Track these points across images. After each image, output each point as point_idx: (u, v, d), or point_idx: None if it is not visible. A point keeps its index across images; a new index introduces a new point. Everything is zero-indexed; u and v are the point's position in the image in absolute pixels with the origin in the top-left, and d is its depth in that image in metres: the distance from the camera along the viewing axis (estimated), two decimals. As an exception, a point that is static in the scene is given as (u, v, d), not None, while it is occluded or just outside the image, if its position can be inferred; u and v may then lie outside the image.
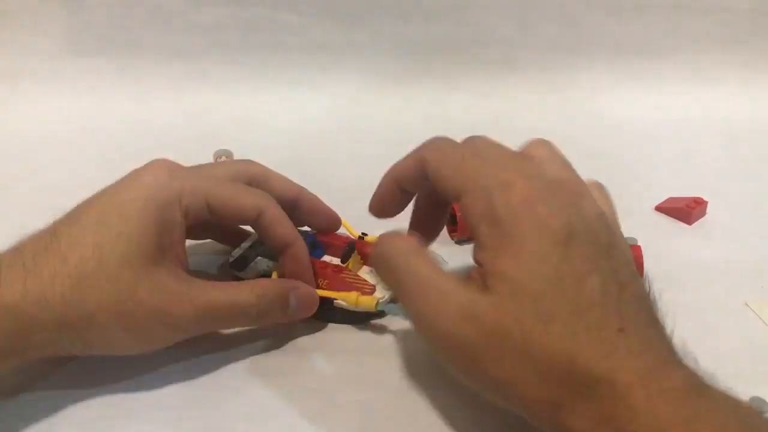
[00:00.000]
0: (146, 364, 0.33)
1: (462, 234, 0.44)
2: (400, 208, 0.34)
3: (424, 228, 0.34)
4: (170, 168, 0.32)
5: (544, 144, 0.29)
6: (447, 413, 0.31)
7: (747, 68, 0.67)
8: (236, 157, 0.53)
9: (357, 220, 0.42)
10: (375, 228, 0.40)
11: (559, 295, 0.25)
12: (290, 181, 0.37)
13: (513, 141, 0.34)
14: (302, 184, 0.38)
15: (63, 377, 0.32)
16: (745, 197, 0.50)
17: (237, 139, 0.58)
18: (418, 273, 0.27)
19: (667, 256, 0.41)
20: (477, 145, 0.29)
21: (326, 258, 0.39)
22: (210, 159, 0.53)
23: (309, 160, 0.56)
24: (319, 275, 0.36)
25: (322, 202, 0.38)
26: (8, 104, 0.62)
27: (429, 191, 0.32)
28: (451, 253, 0.43)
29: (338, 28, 0.64)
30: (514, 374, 0.25)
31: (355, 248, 0.38)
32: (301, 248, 0.34)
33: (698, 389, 0.23)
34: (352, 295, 0.34)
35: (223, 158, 0.52)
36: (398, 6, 0.64)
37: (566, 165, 0.29)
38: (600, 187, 0.31)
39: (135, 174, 0.32)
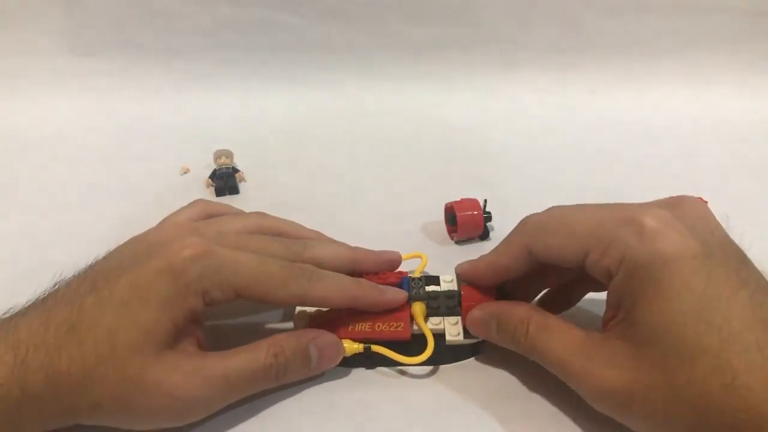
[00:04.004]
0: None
1: (462, 234, 0.44)
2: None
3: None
4: (204, 254, 0.29)
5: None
6: (447, 413, 0.31)
7: (747, 68, 0.67)
8: (236, 157, 0.53)
9: (357, 220, 0.42)
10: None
11: (704, 325, 0.24)
12: (339, 287, 0.33)
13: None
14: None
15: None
16: (745, 197, 0.50)
17: (237, 139, 0.58)
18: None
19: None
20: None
21: None
22: (210, 159, 0.53)
23: (309, 160, 0.56)
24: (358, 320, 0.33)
25: (373, 255, 0.36)
26: (8, 104, 0.62)
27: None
28: (451, 253, 0.43)
29: (338, 28, 0.64)
30: (665, 416, 0.25)
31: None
32: (365, 297, 0.32)
33: None
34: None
35: (223, 158, 0.52)
36: (398, 6, 0.64)
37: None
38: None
39: (163, 247, 0.29)
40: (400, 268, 0.37)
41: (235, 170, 0.52)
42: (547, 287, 0.36)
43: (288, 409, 0.31)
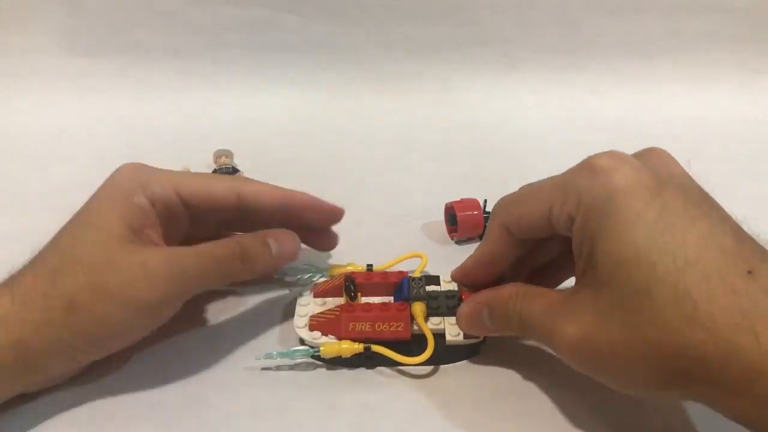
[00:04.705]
0: (146, 362, 0.33)
1: (462, 234, 0.44)
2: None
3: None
4: (137, 166, 0.33)
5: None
6: (447, 413, 0.31)
7: (746, 68, 0.67)
8: (236, 157, 0.53)
9: (357, 221, 0.42)
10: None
11: (657, 253, 0.22)
12: (272, 186, 0.36)
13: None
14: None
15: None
16: (744, 198, 0.50)
17: (237, 139, 0.58)
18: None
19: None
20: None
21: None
22: (210, 159, 0.53)
23: (308, 160, 0.56)
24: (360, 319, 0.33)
25: (313, 198, 0.37)
26: (8, 104, 0.62)
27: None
28: (451, 253, 0.43)
29: (338, 28, 0.64)
30: (629, 361, 0.24)
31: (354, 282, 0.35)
32: (303, 195, 0.35)
33: None
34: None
35: (223, 158, 0.52)
36: (398, 6, 0.64)
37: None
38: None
39: (107, 178, 0.33)
40: (401, 268, 0.37)
41: (235, 170, 0.52)
42: (538, 267, 0.34)
43: (289, 408, 0.31)
